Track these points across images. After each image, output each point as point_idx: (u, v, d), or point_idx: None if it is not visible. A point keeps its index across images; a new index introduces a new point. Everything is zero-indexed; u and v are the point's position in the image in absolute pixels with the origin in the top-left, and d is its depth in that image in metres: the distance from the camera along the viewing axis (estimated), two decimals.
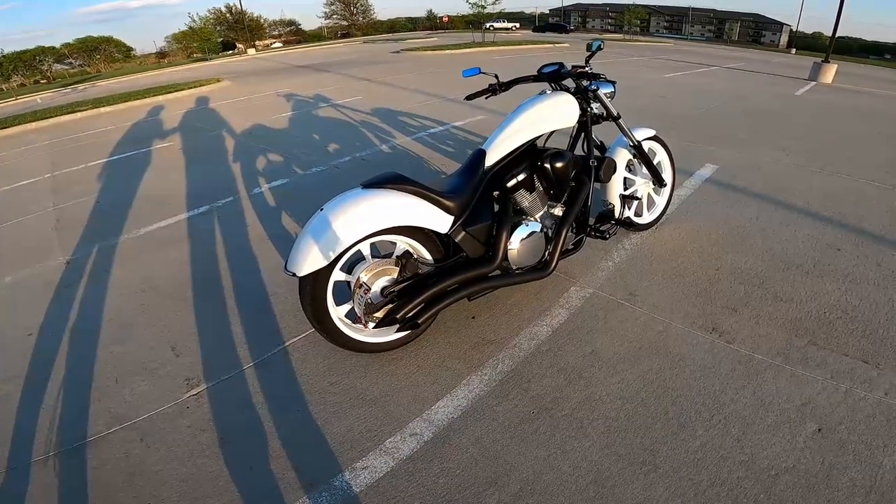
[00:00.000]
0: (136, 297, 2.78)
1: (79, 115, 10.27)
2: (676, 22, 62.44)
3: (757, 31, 56.80)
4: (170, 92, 12.06)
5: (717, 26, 58.49)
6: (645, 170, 2.87)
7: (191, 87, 12.56)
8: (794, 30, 52.67)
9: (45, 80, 33.32)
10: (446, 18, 54.79)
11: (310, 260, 1.76)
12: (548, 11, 74.28)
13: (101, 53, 42.94)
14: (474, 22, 28.23)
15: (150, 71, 27.15)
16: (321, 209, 1.84)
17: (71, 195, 4.88)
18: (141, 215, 4.07)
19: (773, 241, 2.92)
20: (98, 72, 38.35)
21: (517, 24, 53.27)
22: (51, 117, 10.16)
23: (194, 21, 44.80)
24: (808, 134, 5.52)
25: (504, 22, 49.35)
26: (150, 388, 2.05)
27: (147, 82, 17.26)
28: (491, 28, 38.37)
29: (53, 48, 41.82)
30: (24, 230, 4.11)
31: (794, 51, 34.74)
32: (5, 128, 9.64)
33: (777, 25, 55.74)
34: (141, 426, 1.86)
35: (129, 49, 47.04)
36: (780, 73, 12.32)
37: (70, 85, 23.45)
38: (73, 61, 42.11)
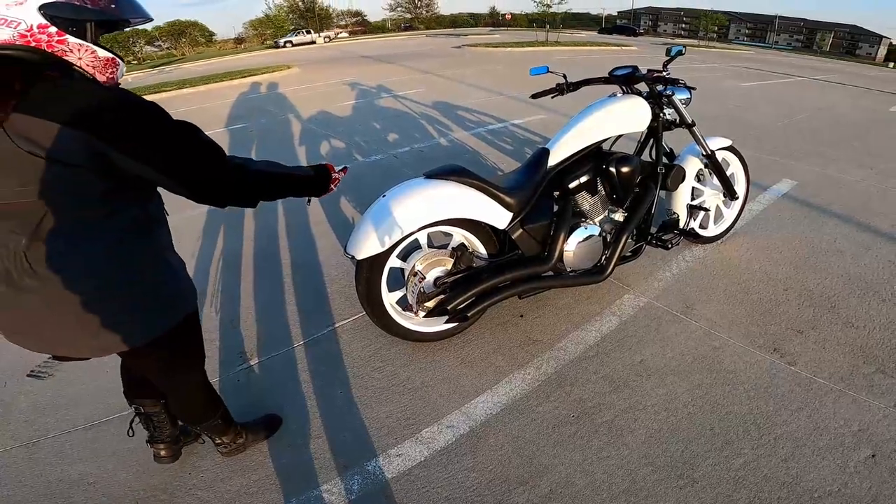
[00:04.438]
0: (207, 267, 2.97)
1: (164, 95, 11.05)
2: (760, 30, 58.51)
3: (852, 42, 52.17)
4: (245, 76, 12.72)
5: (807, 36, 54.20)
6: (716, 181, 2.73)
7: (263, 73, 13.19)
8: (895, 43, 48.05)
9: (135, 61, 35.93)
10: (509, 16, 53.76)
11: (369, 244, 1.81)
12: (615, 14, 71.77)
13: (186, 37, 45.72)
14: (538, 20, 27.65)
15: (228, 56, 28.73)
16: (383, 195, 1.89)
17: None
18: None
19: (851, 265, 2.71)
20: (183, 55, 40.95)
21: (330, 35, 39.99)
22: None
23: (270, 9, 46.87)
24: None
25: (308, 34, 36.63)
26: (207, 359, 2.16)
27: (225, 66, 18.29)
28: (288, 44, 32.27)
29: (146, 31, 44.98)
30: None
31: (892, 65, 31.76)
32: None
33: (875, 38, 50.97)
34: None
35: (212, 34, 49.83)
36: (874, 88, 11.28)
37: (157, 66, 25.25)
38: (161, 44, 45.14)
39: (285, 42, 33.58)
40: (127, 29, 1.17)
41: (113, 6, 1.00)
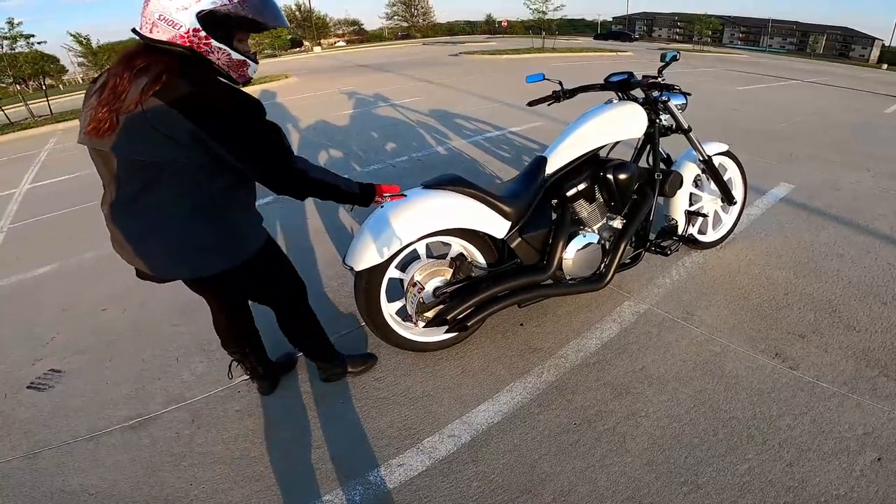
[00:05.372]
0: None
1: None
2: (753, 33, 59.02)
3: (845, 44, 52.64)
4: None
5: (800, 39, 54.72)
6: (713, 186, 2.74)
7: (261, 83, 13.25)
8: (887, 44, 48.55)
9: None
10: (505, 23, 54.05)
11: (367, 256, 1.81)
12: (611, 19, 72.33)
13: None
14: (534, 27, 27.80)
15: None
16: (381, 206, 1.89)
17: None
18: None
19: (851, 268, 2.71)
20: None
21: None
22: None
23: None
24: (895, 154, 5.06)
25: None
26: (207, 370, 2.17)
27: None
28: None
29: None
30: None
31: (885, 66, 32.07)
32: None
33: (867, 39, 51.45)
34: (193, 407, 1.97)
35: None
36: (869, 90, 11.36)
37: None
38: None
39: None
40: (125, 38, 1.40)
41: (251, 16, 1.23)
